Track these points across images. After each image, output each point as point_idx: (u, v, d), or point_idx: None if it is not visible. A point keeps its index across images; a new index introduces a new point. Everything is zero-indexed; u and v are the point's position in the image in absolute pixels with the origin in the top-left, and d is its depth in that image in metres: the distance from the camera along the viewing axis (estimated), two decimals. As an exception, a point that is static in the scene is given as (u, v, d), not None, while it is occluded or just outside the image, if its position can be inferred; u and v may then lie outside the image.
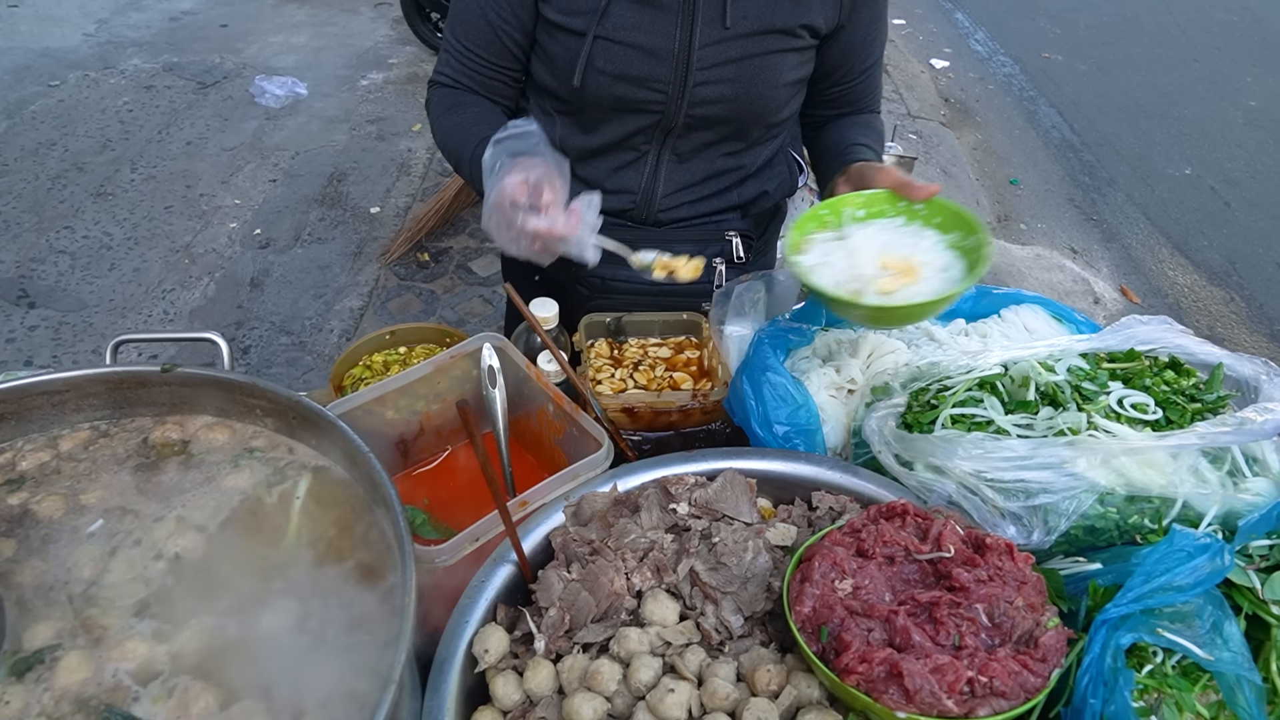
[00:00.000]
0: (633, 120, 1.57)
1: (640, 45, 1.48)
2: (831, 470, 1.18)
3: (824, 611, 0.92)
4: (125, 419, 1.13)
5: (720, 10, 1.46)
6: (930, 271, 1.30)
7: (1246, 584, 0.94)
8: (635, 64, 1.49)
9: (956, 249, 1.33)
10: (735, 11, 1.47)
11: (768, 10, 1.50)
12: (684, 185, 1.67)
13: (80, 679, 0.87)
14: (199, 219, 4.56)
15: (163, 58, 6.11)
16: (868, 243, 1.35)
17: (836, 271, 1.33)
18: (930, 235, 1.36)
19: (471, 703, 0.98)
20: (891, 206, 1.40)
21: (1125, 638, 0.85)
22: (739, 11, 1.48)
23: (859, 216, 1.41)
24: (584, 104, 1.57)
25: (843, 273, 1.32)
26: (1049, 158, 6.16)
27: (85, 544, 0.98)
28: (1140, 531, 1.04)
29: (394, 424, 1.37)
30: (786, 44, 1.54)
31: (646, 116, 1.56)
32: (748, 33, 1.49)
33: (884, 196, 1.40)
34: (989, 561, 0.94)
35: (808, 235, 1.39)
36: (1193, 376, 1.22)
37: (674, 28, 1.47)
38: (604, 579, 1.02)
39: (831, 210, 1.41)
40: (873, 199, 1.41)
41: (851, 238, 1.37)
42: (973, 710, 0.83)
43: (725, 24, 1.47)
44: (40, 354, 3.65)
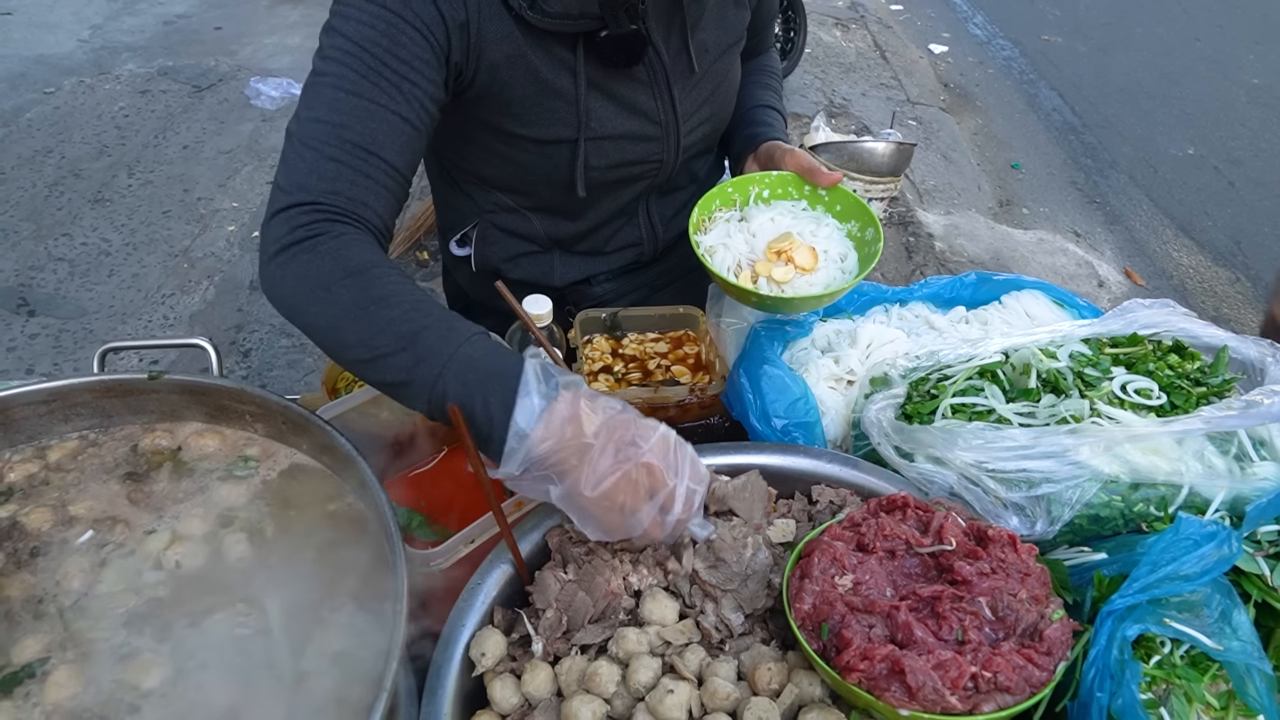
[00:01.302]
0: (627, 192, 1.54)
1: (630, 132, 1.40)
2: (831, 463, 1.16)
3: (824, 608, 0.91)
4: (114, 428, 1.12)
5: (686, 61, 1.39)
6: (826, 260, 1.34)
7: (1255, 571, 0.92)
8: (628, 151, 1.43)
9: (852, 239, 1.38)
10: (698, 50, 1.40)
11: (721, 33, 1.45)
12: (676, 211, 1.65)
13: (70, 693, 0.85)
14: (197, 223, 4.55)
15: (157, 62, 6.09)
16: (768, 226, 1.39)
17: (735, 254, 1.37)
18: (830, 222, 1.41)
19: (470, 707, 0.97)
20: (797, 189, 1.44)
21: (1132, 629, 0.84)
22: (700, 48, 1.41)
23: (764, 197, 1.44)
24: (575, 202, 1.49)
25: (742, 256, 1.36)
26: (1050, 141, 6.12)
27: (74, 555, 0.97)
28: (1146, 519, 1.02)
29: (388, 426, 1.35)
30: (737, 50, 1.53)
31: (641, 184, 1.52)
32: (711, 63, 1.45)
33: (790, 179, 1.43)
34: (992, 554, 0.93)
35: (711, 213, 1.42)
36: (1197, 360, 1.20)
37: (654, 100, 1.39)
38: (600, 579, 1.01)
39: (738, 188, 1.44)
40: (779, 180, 1.44)
41: (753, 219, 1.40)
42: (977, 706, 0.82)
43: (694, 69, 1.40)
44: (41, 362, 3.65)
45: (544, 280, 1.63)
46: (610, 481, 0.91)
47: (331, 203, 1.09)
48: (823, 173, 1.37)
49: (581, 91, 1.31)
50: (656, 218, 1.63)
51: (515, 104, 1.31)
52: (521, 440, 0.90)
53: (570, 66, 1.29)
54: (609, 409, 0.94)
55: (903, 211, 4.99)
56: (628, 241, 1.63)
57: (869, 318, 1.51)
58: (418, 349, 0.96)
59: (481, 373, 0.94)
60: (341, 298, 1.01)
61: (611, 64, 1.31)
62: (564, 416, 0.91)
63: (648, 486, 0.93)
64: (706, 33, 1.42)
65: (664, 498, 0.94)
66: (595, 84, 1.33)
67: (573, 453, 0.91)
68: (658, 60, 1.36)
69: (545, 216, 1.54)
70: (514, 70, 1.27)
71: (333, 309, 1.01)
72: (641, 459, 0.92)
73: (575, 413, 0.92)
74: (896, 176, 4.44)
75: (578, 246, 1.61)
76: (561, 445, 0.91)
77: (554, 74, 1.29)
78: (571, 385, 0.94)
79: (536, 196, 1.50)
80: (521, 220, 1.55)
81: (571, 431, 0.91)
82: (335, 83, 1.12)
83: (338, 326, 1.01)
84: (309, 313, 1.03)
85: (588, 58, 1.29)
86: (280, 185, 1.11)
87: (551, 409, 0.91)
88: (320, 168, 1.09)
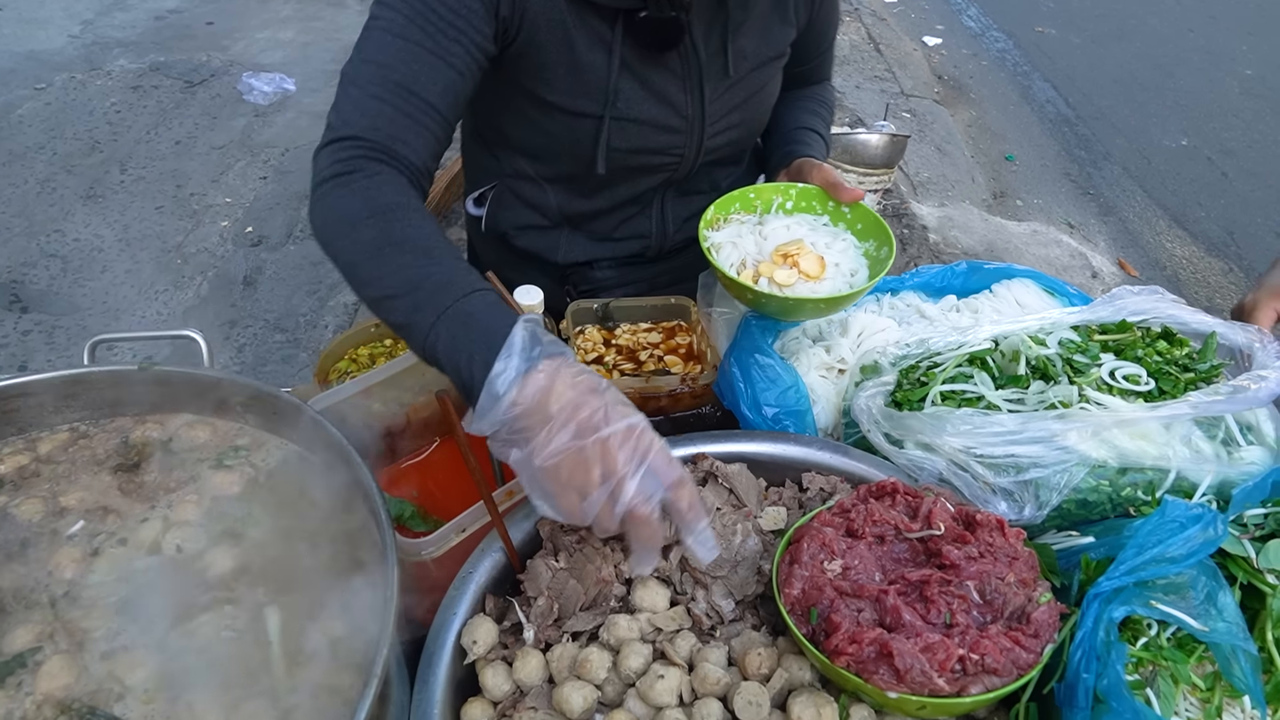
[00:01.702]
0: (644, 181, 1.54)
1: (655, 120, 1.41)
2: (821, 451, 1.17)
3: (813, 593, 0.91)
4: (105, 419, 1.12)
5: (723, 59, 1.40)
6: (835, 272, 1.34)
7: (1241, 553, 0.93)
8: (651, 138, 1.43)
9: (868, 258, 1.38)
10: (735, 54, 1.41)
11: (762, 44, 1.45)
12: (691, 214, 1.65)
13: (62, 684, 0.85)
14: (190, 219, 4.54)
15: (149, 57, 6.07)
16: (783, 233, 1.39)
17: (742, 252, 1.37)
18: (848, 238, 1.41)
19: (461, 694, 0.97)
20: (821, 204, 1.44)
21: (1118, 611, 0.84)
22: (738, 53, 1.42)
23: (786, 208, 1.45)
24: (593, 180, 1.50)
25: (748, 255, 1.36)
26: (1044, 133, 6.13)
27: (66, 546, 0.97)
28: (1133, 504, 1.03)
29: (380, 417, 1.35)
30: (779, 65, 1.53)
31: (659, 176, 1.53)
32: (748, 71, 1.45)
33: (815, 193, 1.44)
34: (980, 538, 0.93)
35: (729, 213, 1.43)
36: (1185, 346, 1.20)
37: (683, 94, 1.40)
38: (591, 567, 1.01)
39: (760, 195, 1.44)
40: (803, 193, 1.44)
41: (769, 225, 1.41)
42: (964, 688, 0.82)
43: (729, 72, 1.41)
44: (35, 359, 3.64)
45: (548, 255, 1.64)
46: (561, 456, 0.89)
47: (372, 138, 1.14)
48: (845, 188, 1.39)
49: (614, 69, 1.33)
50: (670, 215, 1.63)
51: (548, 69, 1.33)
52: (494, 401, 0.90)
53: (607, 42, 1.31)
54: (586, 386, 0.92)
55: (896, 203, 4.99)
56: (637, 232, 1.64)
57: (860, 307, 1.52)
58: (418, 296, 0.99)
59: (473, 329, 0.95)
60: (364, 236, 1.06)
61: (647, 46, 1.32)
62: (538, 386, 0.90)
63: (601, 470, 0.89)
64: (747, 40, 1.42)
65: (614, 484, 0.89)
66: (628, 65, 1.34)
67: (536, 422, 0.90)
68: (693, 55, 1.36)
69: (561, 189, 1.55)
70: (552, 35, 1.29)
71: (355, 246, 1.07)
72: (599, 439, 0.89)
73: (550, 384, 0.91)
74: (890, 168, 4.45)
75: (587, 226, 1.62)
76: (527, 413, 0.90)
77: (589, 46, 1.31)
78: (556, 355, 0.93)
79: (556, 167, 1.51)
80: (537, 190, 1.56)
81: (541, 402, 0.90)
82: (386, 26, 1.19)
83: (356, 264, 1.07)
84: (335, 247, 1.10)
85: (625, 37, 1.31)
86: (330, 122, 1.18)
87: (529, 376, 0.90)
88: (364, 105, 1.16)
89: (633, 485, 0.89)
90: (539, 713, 0.93)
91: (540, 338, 0.94)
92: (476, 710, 0.95)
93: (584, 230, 1.63)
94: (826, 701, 0.88)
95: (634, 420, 0.92)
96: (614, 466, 0.89)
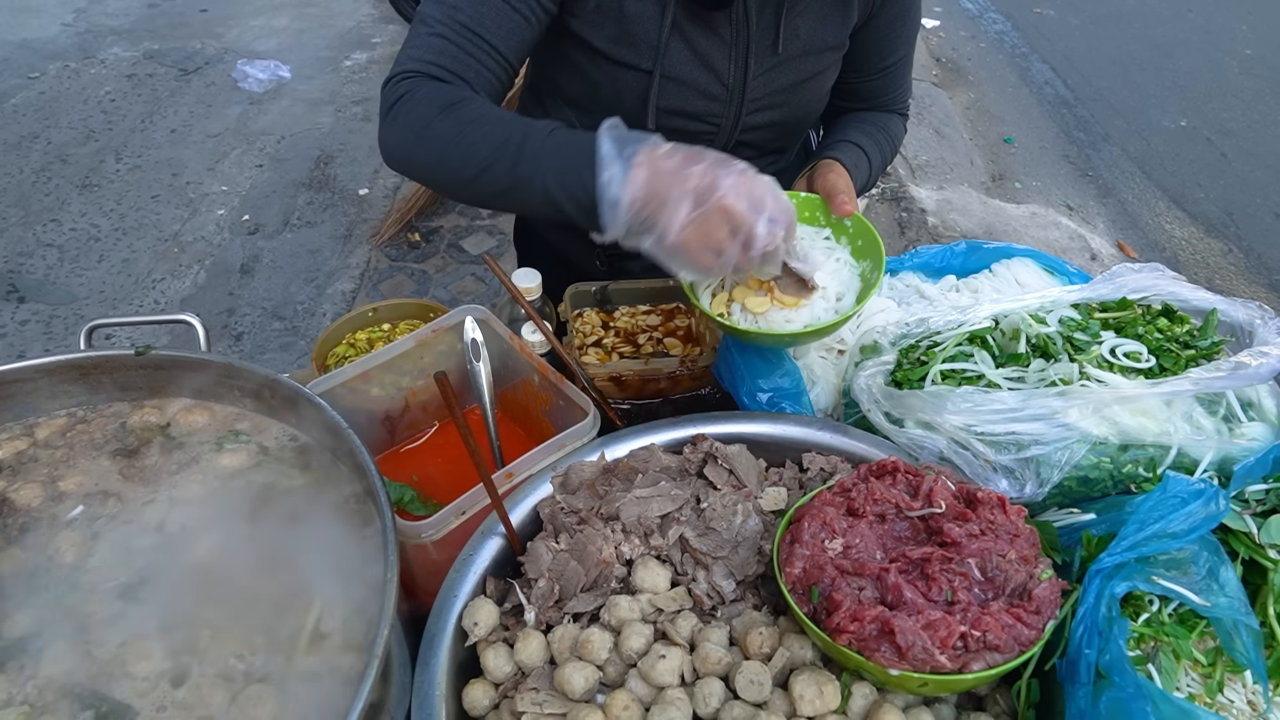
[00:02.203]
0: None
1: (697, 83, 1.38)
2: (821, 431, 1.16)
3: (814, 572, 0.91)
4: (102, 404, 1.11)
5: (774, 35, 1.36)
6: (819, 297, 1.23)
7: (1243, 529, 0.93)
8: (692, 101, 1.41)
9: (863, 280, 1.27)
10: (787, 33, 1.37)
11: (818, 28, 1.40)
12: None
13: (65, 667, 0.85)
14: (186, 207, 4.53)
15: (143, 45, 6.03)
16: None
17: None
18: (843, 256, 1.30)
19: (463, 676, 0.97)
20: (824, 215, 1.33)
21: (1120, 587, 0.84)
22: (790, 32, 1.37)
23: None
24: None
25: (729, 277, 1.28)
26: (1043, 115, 6.10)
27: (65, 530, 0.97)
28: (1134, 480, 1.03)
29: (379, 401, 1.35)
30: (833, 58, 1.46)
31: (696, 143, 1.49)
32: (798, 54, 1.41)
33: (817, 203, 1.33)
34: (981, 516, 0.93)
35: None
36: (1186, 323, 1.20)
37: (728, 61, 1.37)
38: (592, 548, 1.01)
39: None
40: (806, 203, 1.34)
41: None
42: (966, 665, 0.82)
43: (778, 49, 1.37)
44: (33, 348, 3.63)
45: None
46: (690, 227, 1.02)
47: (435, 74, 1.21)
48: (839, 200, 1.29)
49: (666, 25, 1.32)
50: None
51: (601, 12, 1.33)
52: (614, 208, 1.02)
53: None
54: (683, 157, 1.03)
55: (895, 187, 4.98)
56: None
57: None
58: (511, 154, 1.10)
59: (570, 155, 1.07)
60: (442, 128, 1.14)
61: (699, 1, 1.31)
62: (644, 177, 1.02)
63: (728, 226, 1.02)
64: (803, 21, 1.39)
65: (745, 235, 1.03)
66: (678, 25, 1.34)
67: (655, 207, 1.02)
68: (744, 24, 1.35)
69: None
70: None
71: (437, 142, 1.15)
72: (718, 202, 1.01)
73: (652, 170, 1.02)
74: (888, 151, 4.37)
75: None
76: (644, 202, 1.02)
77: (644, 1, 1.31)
78: (645, 144, 1.04)
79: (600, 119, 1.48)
80: None
81: (651, 188, 1.02)
82: None
83: (443, 158, 1.15)
84: (418, 152, 1.17)
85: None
86: (397, 58, 1.24)
87: (633, 173, 1.02)
88: (428, 43, 1.22)
89: (762, 231, 1.03)
90: (540, 693, 0.93)
91: (625, 137, 1.05)
92: (478, 691, 0.95)
93: None
94: (828, 680, 0.88)
95: (741, 169, 1.04)
96: (739, 220, 1.02)
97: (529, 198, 1.11)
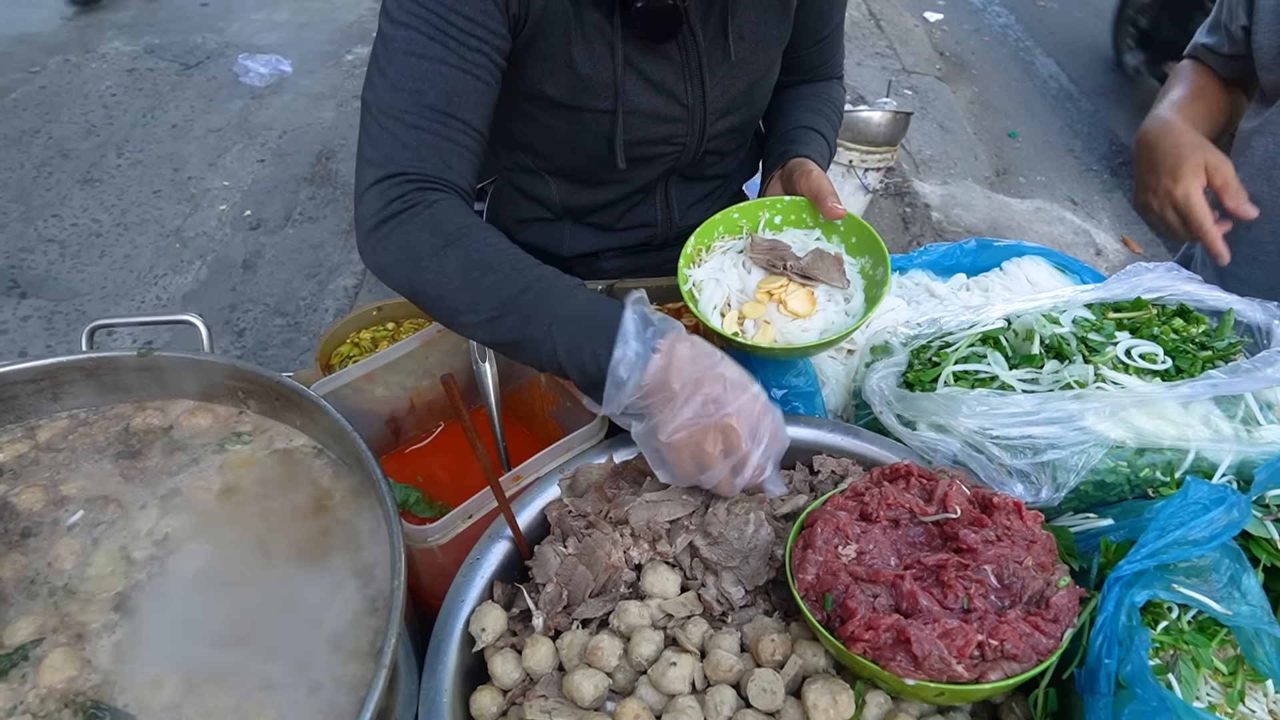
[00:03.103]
0: (647, 171, 1.49)
1: (657, 110, 1.35)
2: (832, 433, 1.15)
3: (828, 578, 0.89)
4: (105, 406, 1.10)
5: (723, 44, 1.34)
6: (827, 303, 1.22)
7: (1265, 535, 0.91)
8: (655, 128, 1.38)
9: (864, 276, 1.25)
10: (735, 37, 1.34)
11: (761, 23, 1.38)
12: (696, 200, 1.61)
13: (66, 676, 0.84)
14: (188, 202, 4.51)
15: (144, 39, 6.02)
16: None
17: (725, 290, 1.25)
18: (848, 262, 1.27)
19: (470, 682, 0.96)
20: (811, 216, 1.31)
21: (1140, 595, 0.83)
22: (737, 35, 1.34)
23: (774, 224, 1.32)
24: (596, 172, 1.45)
25: (733, 292, 1.25)
26: (1047, 108, 6.07)
27: (67, 536, 0.96)
28: (1152, 485, 1.01)
29: (384, 402, 1.34)
30: (780, 49, 1.45)
31: (662, 165, 1.48)
32: (748, 55, 1.38)
33: (804, 204, 1.31)
34: (997, 521, 0.91)
35: (711, 242, 1.31)
36: (1202, 324, 1.18)
37: (683, 82, 1.34)
38: (601, 552, 1.00)
39: (745, 215, 1.32)
40: (792, 205, 1.31)
41: (738, 258, 1.29)
42: (984, 675, 0.81)
43: (729, 56, 1.35)
44: (34, 344, 3.62)
45: (552, 249, 1.61)
46: (685, 433, 0.97)
47: (420, 171, 1.11)
48: (828, 203, 1.26)
49: (619, 63, 1.28)
50: (675, 202, 1.59)
51: (549, 64, 1.28)
52: (619, 388, 0.96)
53: (607, 36, 1.27)
54: (703, 361, 0.98)
55: (899, 181, 4.96)
56: (641, 220, 1.60)
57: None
58: (523, 310, 1.02)
59: (586, 325, 0.99)
60: (445, 266, 1.05)
61: (645, 37, 1.27)
62: (658, 365, 0.96)
63: (723, 446, 0.97)
64: (745, 19, 1.36)
65: (737, 460, 0.98)
66: (630, 60, 1.30)
67: (660, 400, 0.97)
68: (692, 41, 1.32)
69: (564, 182, 1.51)
70: (555, 29, 1.24)
71: (439, 278, 1.05)
72: (721, 419, 0.96)
73: (669, 362, 0.96)
74: (893, 146, 4.39)
75: (590, 218, 1.58)
76: (651, 391, 0.97)
77: (589, 41, 1.26)
78: (669, 331, 0.98)
79: (558, 161, 1.47)
80: (539, 183, 1.52)
81: (662, 380, 0.96)
82: (405, 47, 1.12)
83: (444, 295, 1.06)
84: (415, 283, 1.08)
85: (624, 29, 1.26)
86: (368, 158, 1.12)
87: (648, 358, 0.96)
88: (404, 137, 1.11)
89: (755, 460, 0.99)
90: (549, 701, 0.91)
91: (650, 318, 0.99)
92: (485, 698, 0.94)
93: (588, 222, 1.59)
94: (842, 688, 0.86)
95: (753, 393, 0.99)
96: (736, 444, 0.97)
97: (531, 354, 1.03)
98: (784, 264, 1.24)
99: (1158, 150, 1.46)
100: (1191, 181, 1.39)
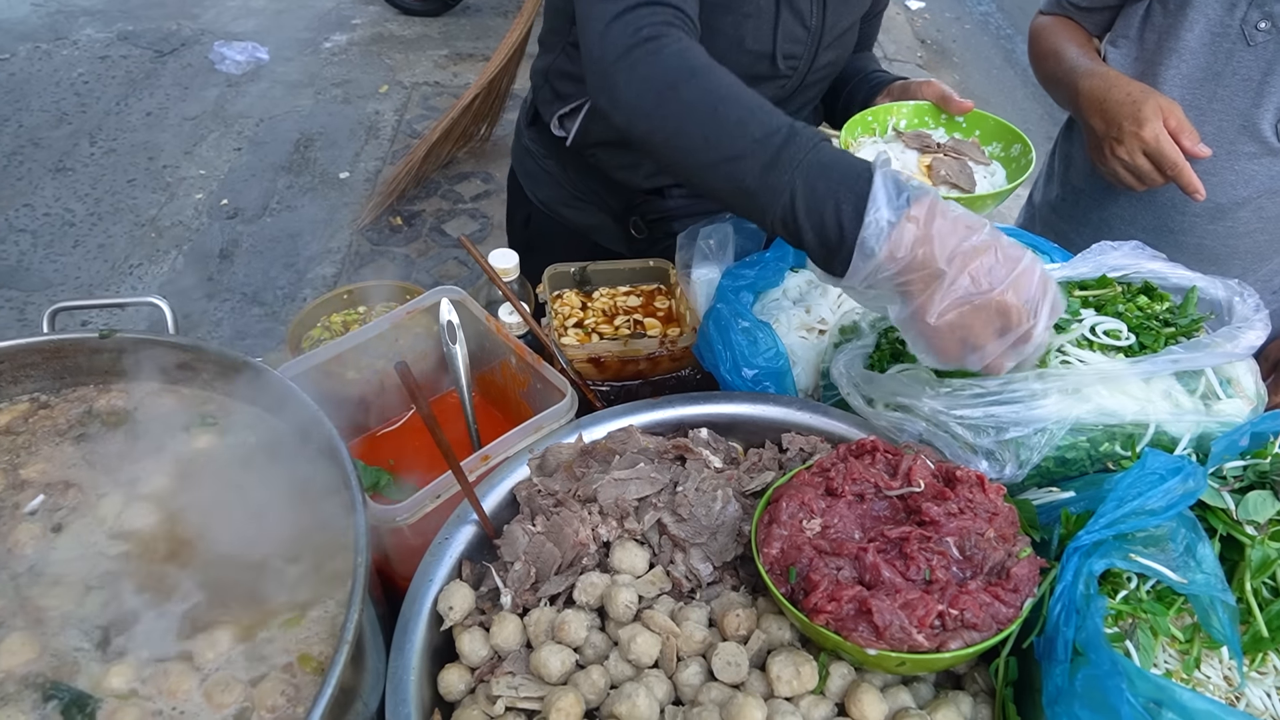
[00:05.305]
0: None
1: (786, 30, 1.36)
2: (801, 411, 1.16)
3: (792, 552, 0.90)
4: (67, 389, 1.09)
5: None
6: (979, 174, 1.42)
7: (1220, 505, 0.92)
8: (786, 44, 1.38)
9: (998, 159, 1.47)
10: None
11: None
12: None
13: (24, 659, 0.84)
14: (163, 191, 4.46)
15: (116, 26, 5.92)
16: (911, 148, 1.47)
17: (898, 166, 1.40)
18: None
19: (438, 660, 0.96)
20: (934, 118, 1.52)
21: (1098, 564, 0.84)
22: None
23: (900, 127, 1.51)
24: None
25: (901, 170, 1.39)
26: (1027, 96, 6.09)
27: (26, 522, 0.95)
28: (1113, 459, 1.02)
29: (355, 384, 1.33)
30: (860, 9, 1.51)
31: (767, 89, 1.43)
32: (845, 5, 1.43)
33: (926, 109, 1.51)
34: (960, 494, 0.92)
35: (856, 138, 1.48)
36: (1166, 301, 1.19)
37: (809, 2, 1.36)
38: (569, 530, 1.00)
39: (876, 117, 1.50)
40: (916, 110, 1.52)
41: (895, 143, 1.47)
42: (944, 644, 0.82)
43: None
44: (6, 335, 3.56)
45: (628, 177, 1.61)
46: (955, 313, 0.89)
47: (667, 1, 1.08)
48: (955, 100, 1.45)
49: None
50: None
51: None
52: (868, 259, 0.89)
53: None
54: (968, 229, 0.88)
55: (879, 169, 4.96)
56: None
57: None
58: (768, 152, 0.94)
59: (833, 179, 0.92)
60: (688, 97, 1.00)
61: None
62: (915, 236, 0.87)
63: (999, 325, 0.90)
64: None
65: (1016, 338, 0.90)
66: None
67: (922, 277, 0.88)
68: None
69: None
70: None
71: (682, 110, 1.00)
72: (998, 296, 0.88)
73: (928, 233, 0.87)
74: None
75: None
76: (909, 268, 0.88)
77: None
78: (924, 198, 0.89)
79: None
80: None
81: (923, 255, 0.88)
82: None
83: (685, 130, 1.00)
84: (657, 114, 1.02)
85: None
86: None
87: (901, 227, 0.87)
88: None
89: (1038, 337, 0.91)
90: (516, 677, 0.91)
91: (902, 182, 0.90)
92: (453, 676, 0.94)
93: None
94: (805, 660, 0.87)
95: (1028, 263, 0.90)
96: (1014, 320, 0.89)
97: (763, 205, 0.96)
98: (937, 144, 1.46)
99: (1108, 102, 1.51)
100: (1156, 123, 1.43)
